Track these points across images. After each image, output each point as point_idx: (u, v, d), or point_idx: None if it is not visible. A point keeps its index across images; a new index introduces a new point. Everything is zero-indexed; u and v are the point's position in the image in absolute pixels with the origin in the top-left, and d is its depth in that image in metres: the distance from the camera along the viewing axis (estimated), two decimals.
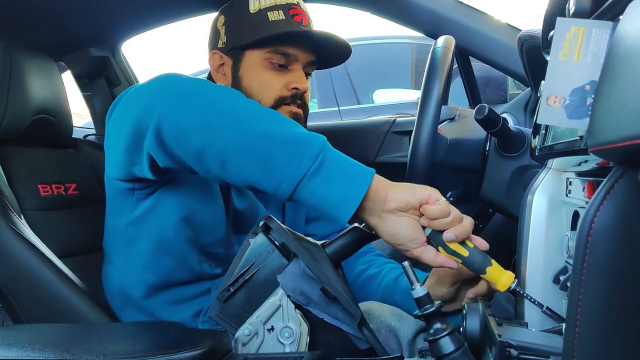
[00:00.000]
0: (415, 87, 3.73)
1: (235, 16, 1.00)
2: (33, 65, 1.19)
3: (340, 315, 0.78)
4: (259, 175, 0.70)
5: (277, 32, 0.96)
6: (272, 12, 0.97)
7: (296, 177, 0.68)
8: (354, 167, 0.70)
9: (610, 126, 0.42)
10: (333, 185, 0.68)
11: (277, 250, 0.81)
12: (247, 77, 0.99)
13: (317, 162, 0.68)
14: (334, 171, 0.68)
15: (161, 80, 0.79)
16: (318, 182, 0.68)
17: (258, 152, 0.69)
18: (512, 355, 0.59)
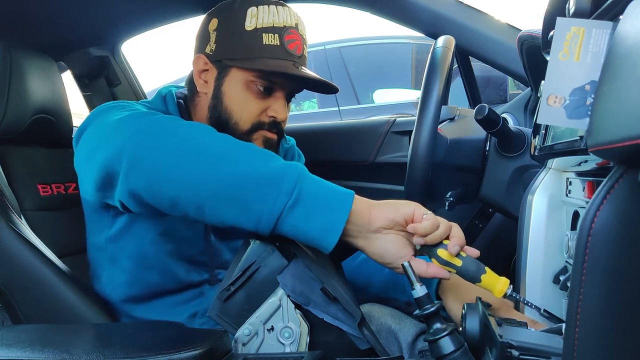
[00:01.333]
0: (415, 87, 3.73)
1: (229, 28, 0.94)
2: (33, 65, 1.19)
3: (341, 315, 0.78)
4: (237, 216, 0.70)
5: (267, 66, 0.91)
6: (267, 35, 0.92)
7: (274, 214, 0.68)
8: (331, 194, 0.69)
9: (610, 126, 0.42)
10: (313, 217, 0.68)
11: (277, 250, 0.81)
12: (229, 95, 0.95)
13: (293, 197, 0.67)
14: (312, 203, 0.68)
15: (129, 121, 0.77)
16: (297, 216, 0.68)
17: (233, 195, 0.68)
18: (513, 356, 0.59)
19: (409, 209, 0.70)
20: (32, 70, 1.18)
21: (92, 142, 0.85)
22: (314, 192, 0.69)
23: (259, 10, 0.93)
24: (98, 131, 0.84)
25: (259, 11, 0.93)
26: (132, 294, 0.98)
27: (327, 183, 0.71)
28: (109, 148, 0.76)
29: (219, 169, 0.69)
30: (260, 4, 0.94)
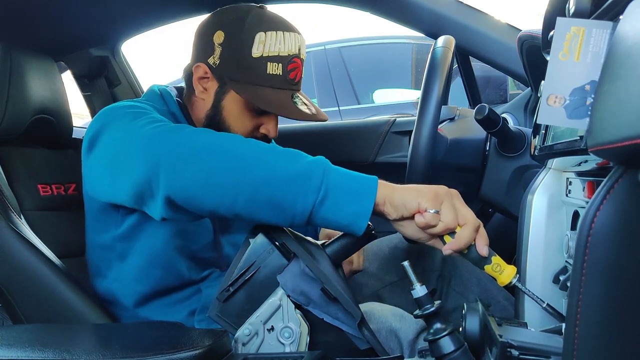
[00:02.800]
0: (415, 87, 3.73)
1: (235, 49, 0.95)
2: (33, 65, 1.19)
3: (340, 315, 0.78)
4: (272, 216, 0.74)
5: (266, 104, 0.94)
6: (272, 64, 0.94)
7: (306, 211, 0.72)
8: (356, 183, 0.73)
9: (610, 126, 0.42)
10: (341, 209, 0.72)
11: (277, 250, 0.81)
12: (228, 110, 0.98)
13: (321, 193, 0.71)
14: (339, 195, 0.72)
15: (161, 135, 0.78)
16: (327, 209, 0.72)
17: (267, 198, 0.72)
18: (513, 356, 0.59)
19: (413, 205, 0.73)
20: (32, 71, 1.18)
21: (118, 151, 0.85)
22: (339, 184, 0.72)
23: (267, 37, 0.94)
24: (124, 141, 0.84)
25: (267, 38, 0.94)
26: (138, 290, 0.99)
27: (350, 173, 0.75)
28: (144, 164, 0.77)
29: (252, 175, 0.72)
30: (269, 29, 0.95)
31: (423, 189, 0.74)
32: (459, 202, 0.75)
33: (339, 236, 0.87)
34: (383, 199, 0.73)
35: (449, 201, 0.73)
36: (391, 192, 0.74)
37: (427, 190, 0.73)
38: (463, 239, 0.73)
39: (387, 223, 0.80)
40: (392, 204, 0.73)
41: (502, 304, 1.21)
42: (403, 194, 0.73)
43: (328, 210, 0.72)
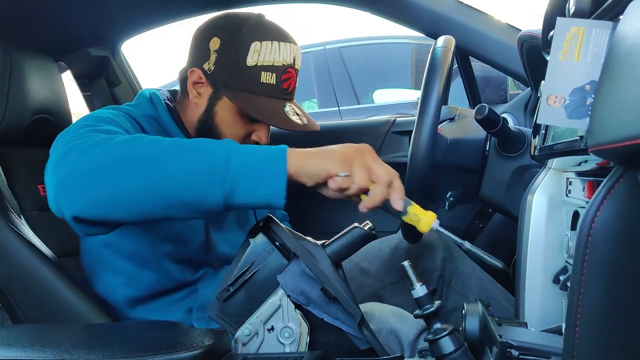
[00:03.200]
0: (415, 87, 3.73)
1: (230, 57, 0.95)
2: (33, 65, 1.19)
3: (340, 315, 0.78)
4: (189, 214, 0.73)
5: (259, 113, 0.94)
6: (265, 73, 0.95)
7: (219, 204, 0.71)
8: (265, 162, 0.71)
9: (610, 126, 0.42)
10: (255, 193, 0.71)
11: (277, 250, 0.81)
12: (220, 116, 0.99)
13: (228, 185, 0.70)
14: (249, 181, 0.71)
15: (63, 157, 0.75)
16: (240, 196, 0.71)
17: (174, 201, 0.71)
18: (513, 356, 0.59)
19: (322, 173, 0.73)
20: (32, 71, 1.18)
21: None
22: (246, 169, 0.71)
23: (263, 46, 0.94)
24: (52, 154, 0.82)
25: (262, 47, 0.94)
26: (130, 296, 1.00)
27: (256, 152, 0.72)
28: (50, 186, 0.77)
29: (154, 181, 0.70)
30: (265, 39, 0.95)
31: (331, 153, 0.73)
32: (371, 159, 0.74)
33: (339, 236, 0.87)
34: (295, 170, 0.72)
35: (360, 161, 0.73)
36: (302, 161, 0.73)
37: (336, 155, 0.73)
38: (376, 196, 0.74)
39: (387, 223, 0.80)
40: (306, 173, 0.73)
41: (502, 304, 1.21)
42: (313, 163, 0.73)
43: (241, 197, 0.71)
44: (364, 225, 0.84)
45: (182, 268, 1.00)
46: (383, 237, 1.29)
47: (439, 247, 1.24)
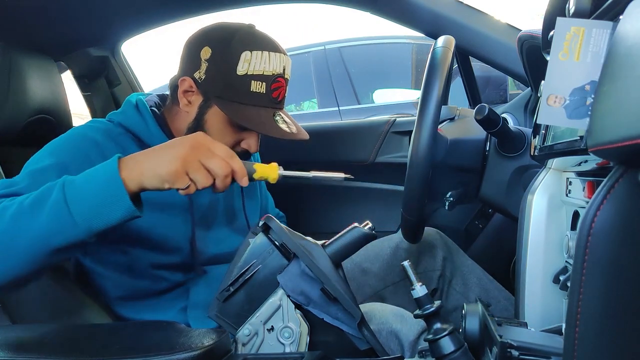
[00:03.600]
0: (415, 87, 3.73)
1: (221, 66, 0.96)
2: (33, 65, 1.19)
3: (340, 315, 0.78)
4: (60, 259, 0.78)
5: (248, 122, 0.95)
6: (255, 82, 0.95)
7: (86, 237, 0.74)
8: (102, 190, 0.74)
9: (610, 126, 0.42)
10: (109, 217, 0.74)
11: (277, 251, 0.81)
12: (210, 124, 0.99)
13: (81, 225, 0.73)
14: (98, 215, 0.73)
15: None
16: (100, 224, 0.74)
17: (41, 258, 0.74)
18: (513, 356, 0.59)
19: (166, 187, 0.76)
20: (32, 70, 1.18)
21: None
22: (89, 207, 0.73)
23: (253, 56, 0.95)
24: None
25: (252, 57, 0.95)
26: (120, 295, 1.01)
27: (91, 183, 0.74)
28: None
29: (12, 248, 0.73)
30: (255, 49, 0.96)
31: (163, 169, 0.74)
32: (204, 156, 0.76)
33: (339, 236, 0.87)
34: (137, 185, 0.74)
35: (194, 164, 0.75)
36: (139, 175, 0.75)
37: (169, 171, 0.74)
38: (220, 188, 0.78)
39: (387, 223, 0.80)
40: (150, 183, 0.75)
41: (502, 303, 1.21)
42: (152, 181, 0.75)
43: (101, 225, 0.74)
44: (364, 225, 0.84)
45: (171, 272, 1.01)
46: (384, 237, 1.29)
47: (439, 247, 1.24)
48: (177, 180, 0.75)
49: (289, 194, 1.67)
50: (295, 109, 3.90)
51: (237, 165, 0.79)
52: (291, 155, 1.74)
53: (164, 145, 0.78)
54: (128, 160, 0.76)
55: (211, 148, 0.77)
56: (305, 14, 7.79)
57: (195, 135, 0.79)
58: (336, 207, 1.68)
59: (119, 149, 0.94)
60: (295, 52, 3.65)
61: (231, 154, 0.79)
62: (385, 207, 1.62)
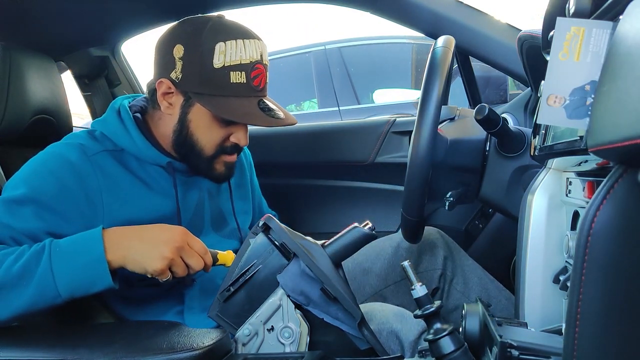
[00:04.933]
0: (415, 87, 3.73)
1: (196, 62, 0.93)
2: (33, 65, 1.19)
3: (340, 315, 0.78)
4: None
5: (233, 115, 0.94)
6: (234, 73, 0.93)
7: (65, 301, 0.82)
8: (86, 266, 0.81)
9: (610, 126, 0.42)
10: (89, 289, 0.82)
11: (277, 250, 0.82)
12: (195, 123, 0.97)
13: (62, 295, 0.81)
14: (79, 287, 0.81)
15: None
16: (80, 293, 0.82)
17: (30, 310, 0.82)
18: (513, 356, 0.59)
19: (147, 273, 0.84)
20: (32, 71, 1.18)
21: None
22: (72, 280, 0.81)
23: (227, 46, 0.93)
24: None
25: (227, 47, 0.93)
26: (116, 298, 1.00)
27: (76, 255, 0.82)
28: None
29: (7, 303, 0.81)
30: (228, 38, 0.93)
31: (150, 266, 0.83)
32: (187, 255, 0.85)
33: (339, 236, 0.87)
34: (120, 263, 0.83)
35: (178, 262, 0.84)
36: (123, 262, 0.83)
37: (155, 269, 0.83)
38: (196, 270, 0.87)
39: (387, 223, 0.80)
40: (137, 272, 0.84)
41: (502, 303, 1.21)
42: (137, 269, 0.84)
43: (82, 293, 0.82)
44: (364, 225, 0.84)
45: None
46: (385, 237, 1.29)
47: (440, 247, 1.24)
48: (162, 275, 0.84)
49: (289, 194, 1.67)
50: (296, 108, 3.90)
51: (208, 259, 0.88)
52: (292, 157, 1.75)
53: (149, 236, 0.85)
54: (113, 239, 0.83)
55: (192, 246, 0.86)
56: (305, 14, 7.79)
57: (176, 232, 0.85)
58: (336, 207, 1.68)
59: (95, 170, 0.92)
60: (295, 52, 3.65)
61: (205, 249, 0.88)
62: (385, 207, 1.62)
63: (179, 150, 1.00)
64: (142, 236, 0.84)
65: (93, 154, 0.94)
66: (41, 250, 0.81)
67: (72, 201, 0.90)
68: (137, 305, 1.00)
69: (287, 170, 1.70)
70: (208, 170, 1.01)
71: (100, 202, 0.92)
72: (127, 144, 0.97)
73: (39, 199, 0.87)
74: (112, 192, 0.93)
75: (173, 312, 0.99)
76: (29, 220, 0.86)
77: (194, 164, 1.01)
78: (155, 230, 0.85)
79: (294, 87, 3.77)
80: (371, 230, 0.85)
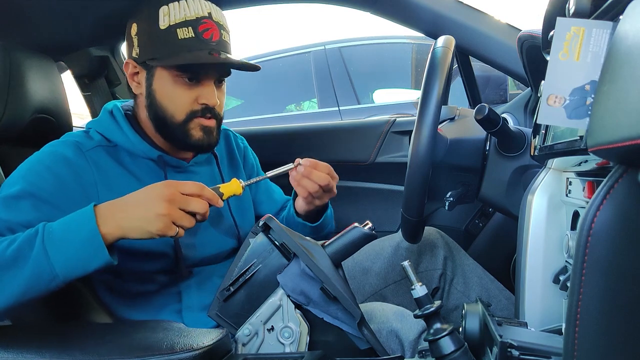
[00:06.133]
0: (415, 87, 3.73)
1: (145, 29, 0.98)
2: (33, 65, 1.19)
3: (340, 315, 0.78)
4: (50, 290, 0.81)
5: (183, 60, 0.95)
6: (181, 30, 0.96)
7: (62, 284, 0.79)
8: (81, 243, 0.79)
9: (610, 126, 0.42)
10: (86, 266, 0.80)
11: (277, 250, 0.82)
12: (160, 92, 0.99)
13: (59, 278, 0.79)
14: (74, 267, 0.79)
15: None
16: (77, 273, 0.80)
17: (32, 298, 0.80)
18: (514, 356, 0.59)
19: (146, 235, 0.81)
20: (32, 70, 1.18)
21: None
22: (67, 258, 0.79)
23: (170, 7, 0.96)
24: None
25: (170, 9, 0.96)
26: (114, 297, 1.01)
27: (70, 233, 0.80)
28: None
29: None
30: (171, 1, 0.97)
31: (152, 227, 0.80)
32: (183, 203, 0.82)
33: (339, 235, 0.87)
34: (117, 234, 0.81)
35: (178, 214, 0.81)
36: (120, 232, 0.81)
37: (158, 228, 0.80)
38: (203, 219, 0.85)
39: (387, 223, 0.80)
40: (143, 238, 0.81)
41: (503, 303, 1.21)
42: (142, 235, 0.81)
43: (78, 273, 0.80)
44: (364, 225, 0.84)
45: (157, 276, 1.00)
46: (385, 236, 1.29)
47: (440, 247, 1.24)
48: (167, 232, 0.81)
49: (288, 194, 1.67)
50: (296, 108, 3.90)
51: (208, 194, 0.86)
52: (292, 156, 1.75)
53: (138, 200, 0.82)
54: (105, 212, 0.81)
55: (183, 192, 0.83)
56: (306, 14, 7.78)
57: (162, 187, 0.83)
58: (336, 207, 1.68)
59: (90, 165, 0.95)
60: (295, 52, 3.65)
61: (200, 186, 0.85)
62: (385, 207, 1.62)
63: (157, 127, 1.01)
64: (132, 202, 0.82)
65: (87, 150, 0.96)
66: (34, 234, 0.80)
67: (69, 194, 0.91)
68: (133, 302, 1.00)
69: None
70: (186, 138, 1.00)
71: (96, 196, 0.93)
72: (119, 138, 0.99)
73: (36, 193, 0.88)
74: (106, 186, 0.94)
75: (171, 310, 0.99)
76: (26, 212, 0.86)
77: (171, 136, 1.01)
78: (141, 193, 0.83)
79: (294, 87, 3.77)
80: (371, 230, 0.85)
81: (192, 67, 0.97)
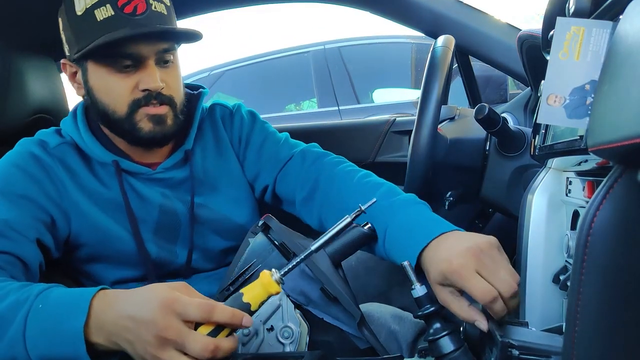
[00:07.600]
0: (415, 87, 3.73)
1: (66, 21, 0.88)
2: (33, 65, 1.19)
3: (340, 315, 0.78)
4: None
5: (103, 38, 0.84)
6: (99, 10, 0.84)
7: None
8: (61, 336, 0.67)
9: (610, 126, 0.42)
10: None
11: (277, 250, 0.82)
12: (97, 88, 0.90)
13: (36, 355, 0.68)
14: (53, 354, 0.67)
15: None
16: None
17: None
18: (514, 356, 0.59)
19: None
20: (32, 70, 1.18)
21: None
22: (44, 350, 0.68)
23: None
24: None
25: None
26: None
27: (54, 326, 0.68)
28: None
29: None
30: None
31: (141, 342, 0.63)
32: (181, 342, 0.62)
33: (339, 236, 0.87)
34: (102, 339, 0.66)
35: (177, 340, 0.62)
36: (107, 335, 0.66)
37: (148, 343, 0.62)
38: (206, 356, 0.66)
39: None
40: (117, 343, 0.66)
41: None
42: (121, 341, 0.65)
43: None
44: (364, 225, 0.84)
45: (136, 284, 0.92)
46: None
47: None
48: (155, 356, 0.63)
49: None
50: (295, 108, 3.90)
51: (223, 315, 0.63)
52: None
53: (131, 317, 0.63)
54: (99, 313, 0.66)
55: (186, 318, 0.63)
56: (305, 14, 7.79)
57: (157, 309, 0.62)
58: None
59: (55, 162, 0.91)
60: (295, 51, 3.65)
61: (209, 307, 0.63)
62: None
63: (106, 126, 0.94)
64: (125, 316, 0.64)
65: (53, 147, 0.93)
66: (23, 302, 0.70)
67: (40, 188, 0.88)
68: None
69: None
70: (135, 132, 0.90)
71: (65, 191, 0.91)
72: (77, 138, 0.94)
73: (10, 190, 0.86)
74: (73, 182, 0.92)
75: None
76: (6, 210, 0.84)
77: (121, 133, 0.93)
78: (136, 306, 0.64)
79: (294, 87, 3.77)
80: (371, 230, 0.85)
81: (119, 50, 0.85)
